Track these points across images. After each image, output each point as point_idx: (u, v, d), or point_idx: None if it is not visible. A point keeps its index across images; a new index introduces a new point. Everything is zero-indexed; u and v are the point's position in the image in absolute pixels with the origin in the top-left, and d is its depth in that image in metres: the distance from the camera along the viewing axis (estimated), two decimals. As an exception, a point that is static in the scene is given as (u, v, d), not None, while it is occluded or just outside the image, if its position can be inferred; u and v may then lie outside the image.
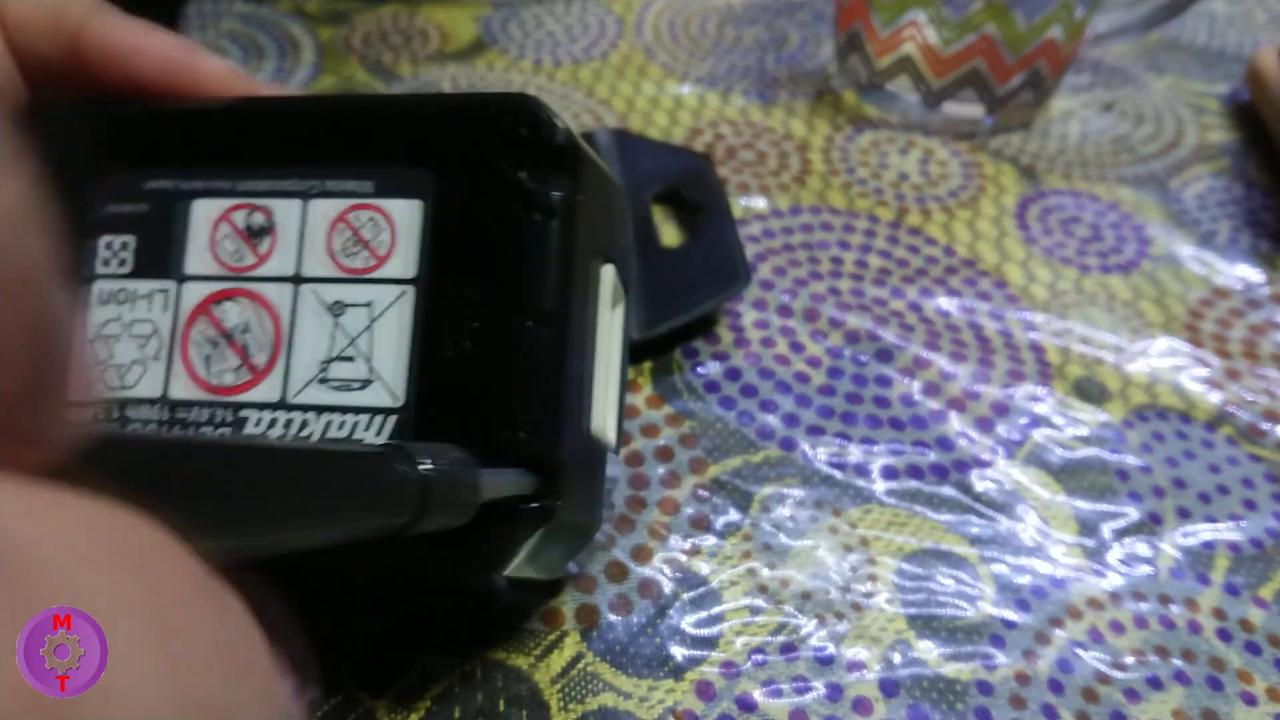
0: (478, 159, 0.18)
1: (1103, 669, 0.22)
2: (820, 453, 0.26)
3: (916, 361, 0.28)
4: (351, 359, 0.18)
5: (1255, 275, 0.31)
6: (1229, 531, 0.25)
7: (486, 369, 0.17)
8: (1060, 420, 0.27)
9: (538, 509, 0.17)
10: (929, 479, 0.25)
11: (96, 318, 0.19)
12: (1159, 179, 0.35)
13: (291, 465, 0.11)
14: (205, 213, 0.19)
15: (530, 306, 0.17)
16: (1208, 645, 0.23)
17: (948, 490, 0.25)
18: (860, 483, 0.25)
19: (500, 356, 0.17)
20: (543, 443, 0.17)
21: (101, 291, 0.19)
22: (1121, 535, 0.24)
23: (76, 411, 0.08)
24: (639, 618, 0.22)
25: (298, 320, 0.18)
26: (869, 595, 0.23)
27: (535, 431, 0.17)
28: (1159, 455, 0.26)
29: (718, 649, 0.22)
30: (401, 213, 0.18)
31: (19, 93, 0.19)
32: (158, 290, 0.19)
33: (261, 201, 0.19)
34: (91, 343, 0.19)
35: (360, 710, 0.20)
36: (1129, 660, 0.22)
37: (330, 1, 0.40)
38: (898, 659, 0.22)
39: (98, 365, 0.18)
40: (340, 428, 0.18)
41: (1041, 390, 0.27)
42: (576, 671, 0.21)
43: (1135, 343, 0.29)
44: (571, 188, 0.18)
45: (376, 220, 0.18)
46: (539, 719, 0.20)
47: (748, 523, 0.24)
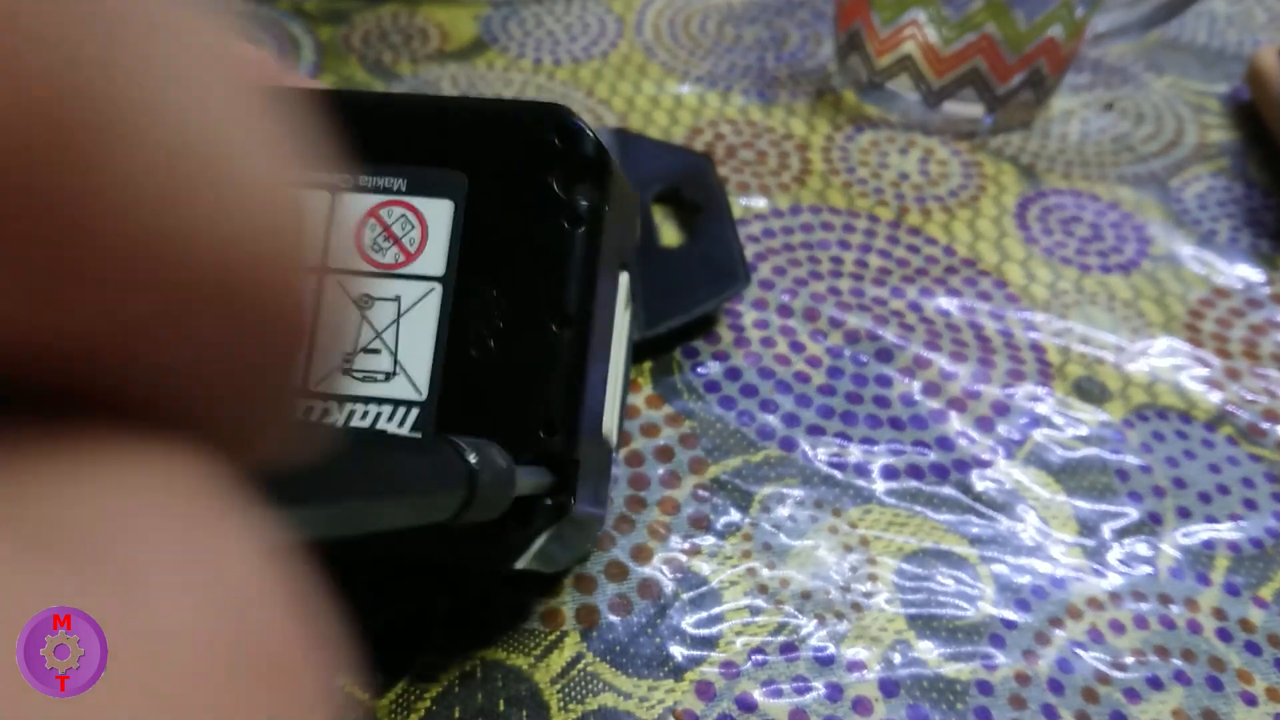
0: (510, 164, 0.18)
1: (1103, 669, 0.22)
2: (820, 453, 0.26)
3: (916, 361, 0.28)
4: (377, 351, 0.18)
5: (1255, 275, 0.31)
6: (1229, 531, 0.25)
7: (509, 368, 0.18)
8: (1060, 420, 0.27)
9: (553, 506, 0.18)
10: (929, 479, 0.25)
11: None
12: (1159, 179, 0.35)
13: (370, 448, 0.12)
14: None
15: (555, 310, 0.18)
16: (1208, 645, 0.23)
17: (948, 490, 0.25)
18: (860, 483, 0.25)
19: (523, 357, 0.18)
20: (561, 442, 0.18)
21: None
22: (1121, 535, 0.24)
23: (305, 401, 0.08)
24: (639, 618, 0.22)
25: (323, 310, 0.19)
26: (869, 595, 0.23)
27: (554, 431, 0.18)
28: (1159, 455, 0.26)
29: (718, 649, 0.22)
30: (433, 211, 0.18)
31: None
32: None
33: None
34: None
35: (361, 710, 0.20)
36: (1129, 660, 0.22)
37: (330, 0, 0.40)
38: (898, 659, 0.22)
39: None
40: (363, 417, 0.18)
41: (1041, 390, 0.27)
42: (576, 671, 0.21)
43: (1135, 342, 0.29)
44: (599, 197, 0.18)
45: (408, 217, 0.18)
46: (539, 719, 0.20)
47: (748, 523, 0.24)
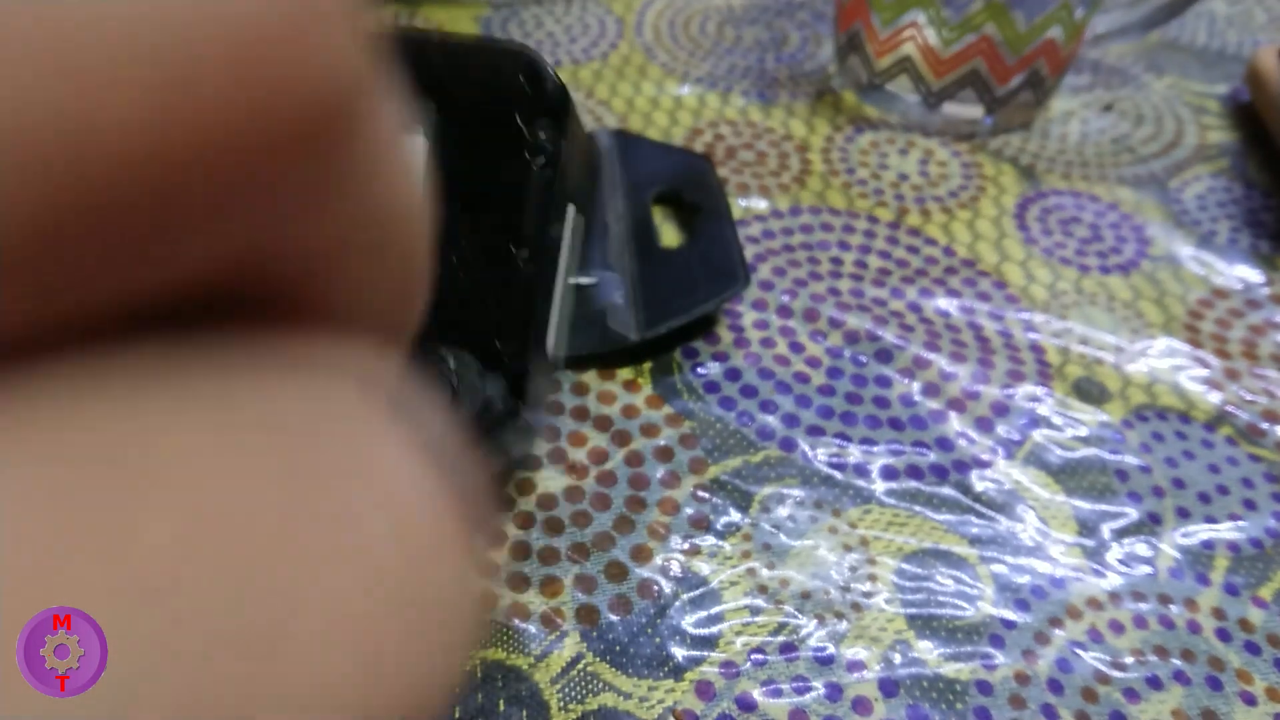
0: (478, 100, 0.20)
1: (1102, 669, 0.22)
2: (820, 453, 0.26)
3: (916, 362, 0.28)
4: None
5: (1255, 275, 0.31)
6: (1229, 531, 0.25)
7: (471, 285, 0.20)
8: (1060, 420, 0.27)
9: (508, 409, 0.20)
10: (929, 479, 0.25)
11: None
12: (1159, 179, 0.35)
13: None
14: None
15: (517, 238, 0.20)
16: (1207, 645, 0.23)
17: (947, 490, 0.25)
18: (860, 483, 0.25)
19: (484, 276, 0.20)
20: (518, 355, 0.20)
21: None
22: (1121, 535, 0.24)
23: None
24: (639, 618, 0.22)
25: None
26: (869, 595, 0.23)
27: (513, 344, 0.20)
28: (1159, 455, 0.26)
29: (718, 649, 0.22)
30: None
31: None
32: None
33: None
34: None
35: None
36: (1128, 660, 0.22)
37: (330, 2, 0.40)
38: (897, 659, 0.22)
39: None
40: None
41: (1041, 390, 0.27)
42: (576, 671, 0.21)
43: (1135, 343, 0.29)
44: (559, 136, 0.20)
45: None
46: (539, 719, 0.20)
47: (748, 523, 0.24)
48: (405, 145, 0.07)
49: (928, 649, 0.22)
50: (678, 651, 0.22)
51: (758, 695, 0.21)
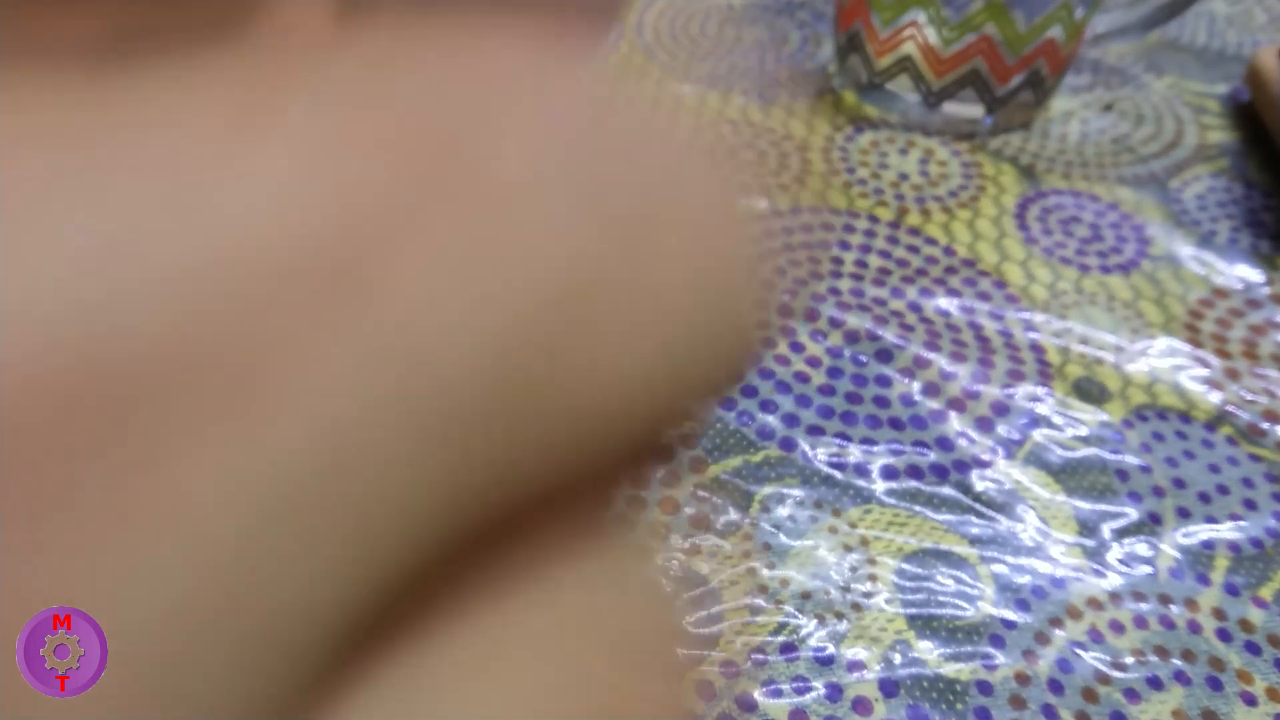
0: None
1: (1103, 669, 0.22)
2: (820, 453, 0.26)
3: (916, 361, 0.28)
4: None
5: (1255, 275, 0.31)
6: (1229, 531, 0.25)
7: None
8: (1060, 420, 0.27)
9: None
10: (929, 479, 0.25)
11: None
12: (1159, 179, 0.35)
13: None
14: None
15: None
16: (1208, 645, 0.23)
17: (948, 490, 0.25)
18: (860, 483, 0.25)
19: None
20: None
21: None
22: (1121, 535, 0.24)
23: None
24: (639, 618, 0.22)
25: None
26: (869, 595, 0.23)
27: None
28: (1159, 455, 0.26)
29: (718, 649, 0.22)
30: None
31: None
32: None
33: None
34: None
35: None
36: (1129, 660, 0.22)
37: (330, 1, 0.40)
38: (898, 659, 0.22)
39: None
40: None
41: (1041, 390, 0.27)
42: (576, 671, 0.21)
43: (1135, 343, 0.29)
44: None
45: None
46: (539, 719, 0.20)
47: (748, 522, 0.24)
48: None
49: (928, 649, 0.22)
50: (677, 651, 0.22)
51: (758, 695, 0.21)
